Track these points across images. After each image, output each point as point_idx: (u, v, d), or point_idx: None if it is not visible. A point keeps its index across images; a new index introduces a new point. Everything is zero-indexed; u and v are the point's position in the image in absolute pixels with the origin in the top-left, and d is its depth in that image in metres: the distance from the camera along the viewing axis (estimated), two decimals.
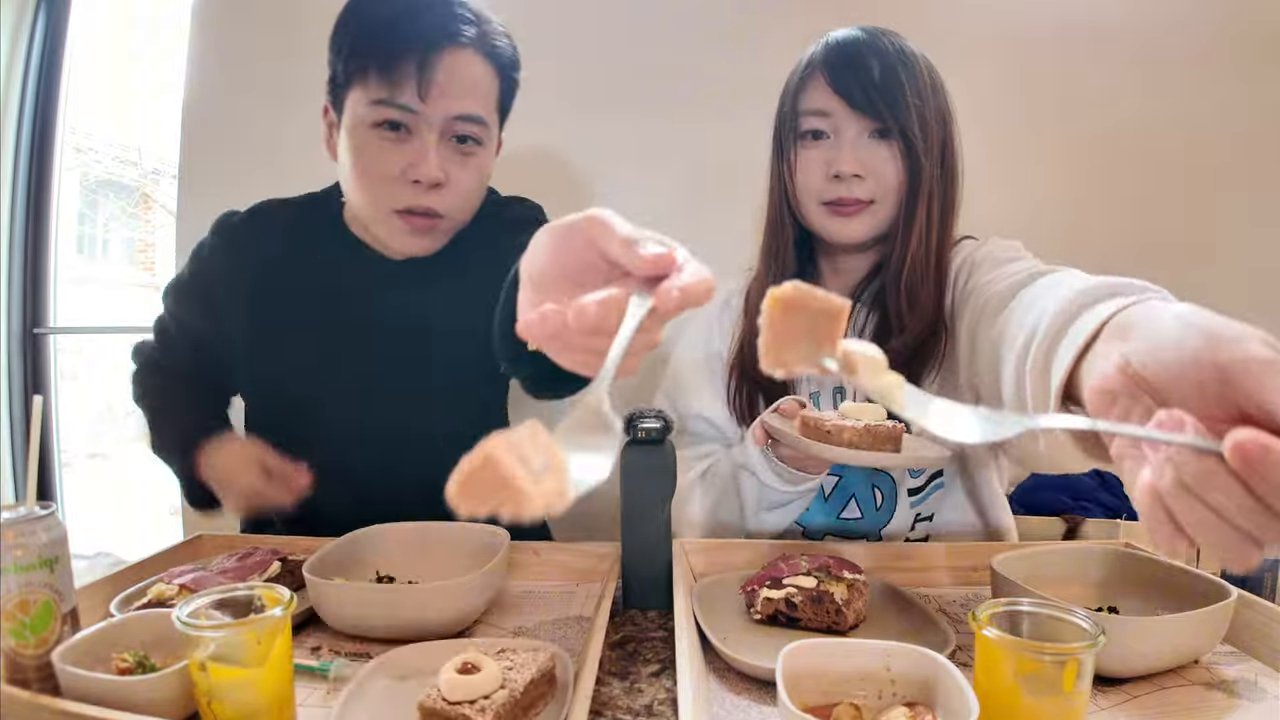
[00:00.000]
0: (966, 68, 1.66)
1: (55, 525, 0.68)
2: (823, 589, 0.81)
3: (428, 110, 1.03)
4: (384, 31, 1.02)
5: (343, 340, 1.15)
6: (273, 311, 1.17)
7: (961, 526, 1.18)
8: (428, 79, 1.01)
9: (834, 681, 0.63)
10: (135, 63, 2.53)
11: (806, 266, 1.20)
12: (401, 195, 1.06)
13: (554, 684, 0.69)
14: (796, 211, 1.15)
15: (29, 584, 0.66)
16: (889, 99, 1.04)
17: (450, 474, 0.38)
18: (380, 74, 1.01)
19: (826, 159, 1.08)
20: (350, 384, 1.15)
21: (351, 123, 1.05)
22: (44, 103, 2.14)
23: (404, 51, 1.00)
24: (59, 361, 2.22)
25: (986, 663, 0.60)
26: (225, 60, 1.87)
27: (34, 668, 0.66)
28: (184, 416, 1.19)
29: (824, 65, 1.08)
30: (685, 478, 1.18)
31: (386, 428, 1.13)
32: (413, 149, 1.04)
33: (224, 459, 1.08)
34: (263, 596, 0.65)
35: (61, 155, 2.19)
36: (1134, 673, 0.71)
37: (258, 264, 1.18)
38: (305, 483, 1.05)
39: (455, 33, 1.03)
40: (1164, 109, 1.69)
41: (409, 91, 1.01)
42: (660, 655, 0.79)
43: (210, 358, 1.22)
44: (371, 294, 1.15)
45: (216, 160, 1.84)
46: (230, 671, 0.60)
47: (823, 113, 1.08)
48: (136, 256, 3.49)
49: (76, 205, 2.54)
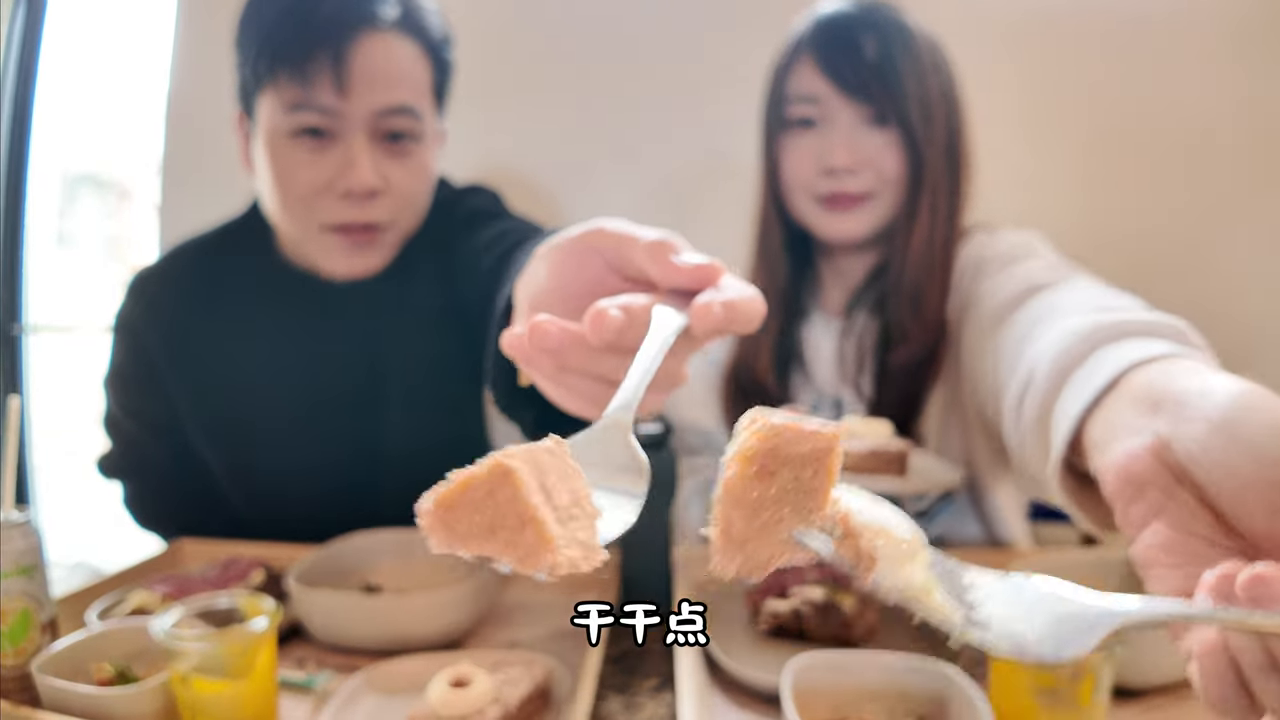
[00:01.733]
0: (971, 58, 1.67)
1: (31, 532, 0.67)
2: (831, 600, 0.79)
3: (349, 107, 0.91)
4: (291, 23, 0.90)
5: (297, 377, 1.06)
6: (214, 365, 1.06)
7: (967, 545, 1.14)
8: (345, 70, 0.89)
9: (843, 697, 0.62)
10: (114, 57, 2.50)
11: (804, 270, 1.13)
12: (332, 210, 0.95)
13: (549, 699, 0.68)
14: (787, 208, 1.06)
15: (6, 592, 0.65)
16: (885, 81, 0.95)
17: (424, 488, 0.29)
18: (291, 72, 0.89)
19: (818, 149, 0.99)
20: (310, 418, 1.07)
21: (266, 132, 0.93)
22: (21, 96, 2.10)
23: (315, 43, 0.89)
24: (35, 360, 2.18)
25: (1001, 676, 0.59)
26: (209, 53, 1.83)
27: (12, 679, 0.65)
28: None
29: (812, 45, 0.99)
30: (684, 488, 1.16)
31: (356, 456, 1.07)
32: (338, 155, 0.93)
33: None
34: (246, 607, 0.64)
35: (38, 150, 2.15)
36: (1152, 685, 0.69)
37: (185, 321, 1.06)
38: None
39: (372, 15, 0.91)
40: (1174, 103, 1.69)
41: (325, 88, 0.89)
42: (661, 669, 0.77)
43: (180, 441, 1.10)
44: (318, 325, 1.06)
45: (200, 154, 1.81)
46: (213, 685, 0.59)
47: (812, 98, 0.99)
48: (116, 252, 3.45)
49: (55, 200, 2.50)
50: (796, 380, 1.13)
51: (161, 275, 1.10)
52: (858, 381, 1.08)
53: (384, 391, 1.08)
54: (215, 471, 1.11)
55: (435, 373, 1.09)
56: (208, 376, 1.07)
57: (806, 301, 1.13)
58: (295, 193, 0.94)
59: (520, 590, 0.97)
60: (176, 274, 1.09)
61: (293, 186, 0.94)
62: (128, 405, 1.11)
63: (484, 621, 0.87)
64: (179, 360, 1.07)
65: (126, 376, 1.10)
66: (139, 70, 2.20)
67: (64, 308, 2.49)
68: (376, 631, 0.77)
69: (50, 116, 2.18)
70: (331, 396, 1.07)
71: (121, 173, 2.83)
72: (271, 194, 0.97)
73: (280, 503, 1.05)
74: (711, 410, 1.17)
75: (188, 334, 1.06)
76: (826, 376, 1.11)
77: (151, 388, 1.08)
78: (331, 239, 0.97)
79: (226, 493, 1.12)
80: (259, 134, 0.95)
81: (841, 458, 0.32)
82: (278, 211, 0.98)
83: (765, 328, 1.05)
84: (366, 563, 0.91)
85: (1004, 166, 1.29)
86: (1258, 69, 1.66)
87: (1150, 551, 0.36)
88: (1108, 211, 1.70)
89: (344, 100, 0.90)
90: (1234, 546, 0.36)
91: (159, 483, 1.14)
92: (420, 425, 1.08)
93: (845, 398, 1.10)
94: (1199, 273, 1.68)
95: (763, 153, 1.07)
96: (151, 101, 1.85)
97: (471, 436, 1.17)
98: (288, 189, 0.95)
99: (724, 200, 1.27)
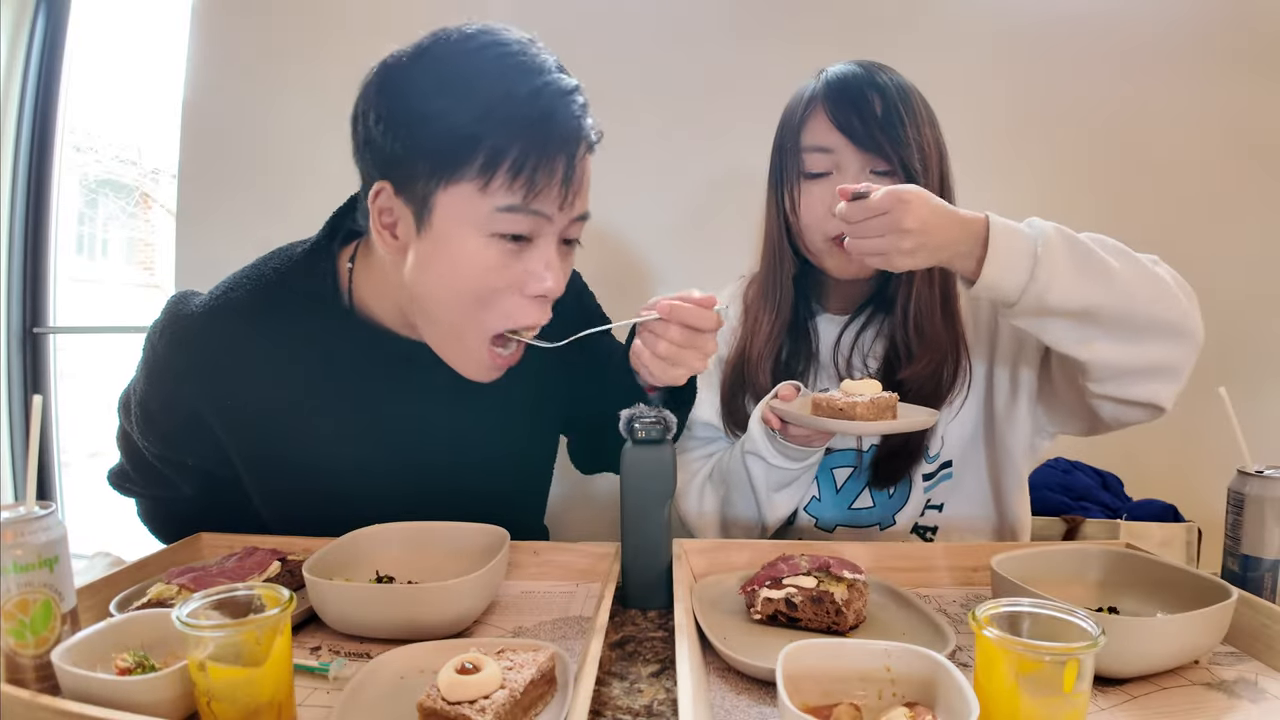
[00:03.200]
0: (959, 64, 1.68)
1: (55, 525, 0.68)
2: (823, 589, 0.81)
3: (561, 218, 0.89)
4: (520, 118, 0.84)
5: (367, 439, 1.04)
6: (274, 428, 1.02)
7: (973, 519, 1.19)
8: (575, 186, 0.87)
9: (834, 682, 0.63)
10: (135, 62, 2.53)
11: (810, 291, 1.23)
12: (510, 312, 0.91)
13: (553, 684, 0.69)
14: (800, 246, 1.16)
15: (29, 584, 0.66)
16: (892, 136, 1.05)
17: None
18: (518, 174, 0.84)
19: (831, 195, 1.06)
20: (381, 470, 1.04)
21: (457, 225, 0.86)
22: (44, 102, 2.14)
23: (554, 149, 0.85)
24: (58, 361, 2.22)
25: (987, 663, 0.60)
26: (225, 59, 1.87)
27: (33, 668, 0.66)
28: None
29: (825, 100, 1.09)
30: (695, 479, 1.22)
31: (428, 503, 1.00)
32: (531, 259, 0.89)
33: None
34: (262, 596, 0.65)
35: (61, 155, 2.19)
36: (1134, 673, 0.71)
37: (240, 381, 1.00)
38: None
39: (587, 130, 0.89)
40: (1156, 108, 1.70)
41: (553, 200, 0.86)
42: (660, 655, 0.79)
43: (220, 480, 1.07)
44: (391, 377, 1.03)
45: (217, 160, 1.84)
46: (230, 672, 0.60)
47: (826, 149, 1.09)
48: (136, 256, 3.49)
49: (76, 205, 2.54)
50: (804, 371, 1.21)
51: (211, 330, 1.00)
52: (864, 366, 1.17)
53: (465, 442, 1.08)
54: (266, 517, 1.09)
55: (518, 407, 1.11)
56: (266, 440, 1.03)
57: (813, 307, 1.23)
58: (480, 293, 0.89)
59: (526, 579, 0.99)
60: (230, 330, 1.00)
61: (480, 286, 0.89)
62: (157, 449, 1.08)
63: (491, 610, 0.89)
64: (236, 422, 1.02)
65: (160, 424, 1.05)
66: (159, 75, 2.23)
67: (86, 310, 2.53)
68: (388, 620, 0.79)
69: (72, 122, 2.22)
70: (400, 458, 1.05)
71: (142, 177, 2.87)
72: (445, 287, 0.90)
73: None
74: (719, 405, 1.25)
75: (248, 395, 1.00)
76: (831, 364, 1.20)
77: (193, 441, 1.04)
78: (484, 351, 0.94)
79: (272, 528, 1.08)
80: (440, 223, 0.87)
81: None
82: (448, 304, 0.91)
83: (771, 328, 1.17)
84: (378, 554, 0.94)
85: (985, 176, 1.33)
86: (1231, 78, 1.67)
87: None
88: (1083, 219, 1.71)
89: (561, 212, 0.89)
90: None
91: (183, 509, 1.13)
92: (493, 483, 1.08)
93: (844, 373, 1.19)
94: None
95: (772, 193, 1.16)
96: (171, 107, 1.88)
97: (537, 490, 1.23)
98: (473, 288, 0.89)
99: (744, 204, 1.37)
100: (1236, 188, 1.70)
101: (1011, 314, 0.92)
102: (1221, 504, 0.89)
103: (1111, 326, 0.91)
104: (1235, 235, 1.70)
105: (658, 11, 1.79)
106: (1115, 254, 0.92)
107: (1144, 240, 1.69)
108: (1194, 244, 1.69)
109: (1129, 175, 1.71)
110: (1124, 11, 1.68)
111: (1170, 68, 1.69)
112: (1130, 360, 0.93)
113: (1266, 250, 1.70)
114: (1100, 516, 1.56)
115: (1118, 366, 0.93)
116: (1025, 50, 1.70)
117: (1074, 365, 0.96)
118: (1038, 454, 1.20)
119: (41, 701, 0.62)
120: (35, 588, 0.67)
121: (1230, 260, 1.69)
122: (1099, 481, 1.64)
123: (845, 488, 1.20)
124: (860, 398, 0.96)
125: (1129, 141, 1.70)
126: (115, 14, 2.40)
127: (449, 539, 0.95)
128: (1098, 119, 1.70)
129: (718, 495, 1.21)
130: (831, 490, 1.21)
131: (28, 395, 2.13)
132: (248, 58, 1.85)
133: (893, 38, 1.67)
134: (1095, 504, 1.59)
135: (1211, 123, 1.68)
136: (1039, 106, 1.71)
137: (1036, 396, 1.13)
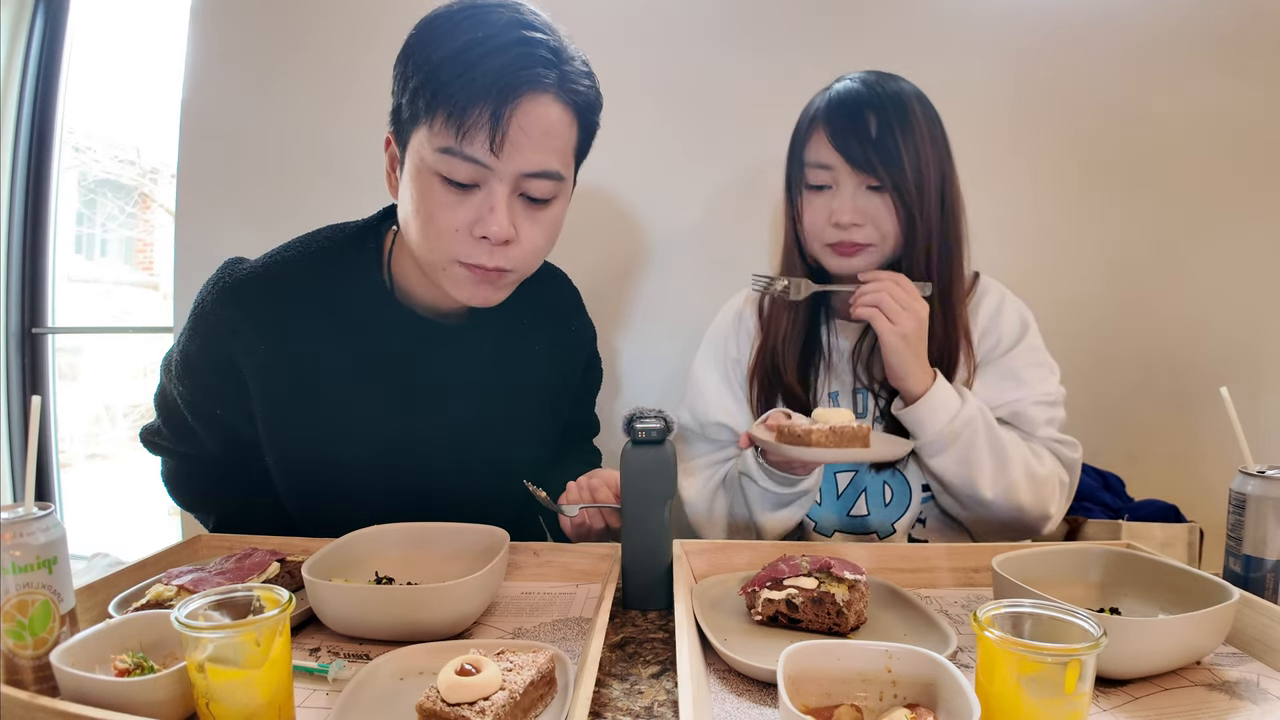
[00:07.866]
0: (959, 64, 1.68)
1: (54, 526, 0.68)
2: (824, 590, 0.81)
3: (499, 165, 0.93)
4: (456, 70, 0.90)
5: (395, 407, 1.11)
6: (308, 387, 1.08)
7: (948, 525, 1.24)
8: (502, 132, 0.91)
9: (835, 683, 0.63)
10: (134, 62, 2.52)
11: (824, 296, 1.28)
12: (466, 249, 0.97)
13: (553, 686, 0.69)
14: (805, 249, 1.24)
15: (27, 585, 0.66)
16: (885, 158, 1.11)
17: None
18: (449, 119, 0.91)
19: (829, 208, 1.16)
20: (396, 448, 1.11)
21: (415, 166, 0.96)
22: (42, 102, 2.13)
23: (478, 97, 0.90)
24: (57, 361, 2.22)
25: (988, 664, 0.60)
26: (224, 59, 1.86)
27: (32, 669, 0.66)
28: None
29: (826, 121, 1.15)
30: (708, 485, 1.26)
31: (435, 487, 1.09)
32: (480, 202, 0.95)
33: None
34: (261, 598, 0.65)
35: (60, 154, 2.19)
36: (1136, 674, 0.71)
37: (284, 337, 1.07)
38: None
39: (535, 78, 0.92)
40: (1157, 108, 1.69)
41: (480, 144, 0.91)
42: (661, 656, 0.79)
43: (243, 439, 1.12)
44: (419, 357, 1.11)
45: (215, 160, 1.83)
46: (229, 673, 0.60)
47: (825, 166, 1.16)
48: (135, 256, 3.49)
49: (75, 205, 2.53)
50: (820, 376, 1.26)
51: (264, 287, 1.07)
52: (874, 374, 1.22)
53: (477, 426, 1.16)
54: (279, 487, 1.14)
55: (531, 403, 1.22)
56: (300, 398, 1.08)
57: (829, 310, 1.29)
58: (434, 228, 0.97)
59: (525, 580, 0.99)
60: (281, 289, 1.07)
61: (433, 222, 0.96)
62: (189, 395, 1.12)
63: (491, 611, 0.89)
64: (271, 377, 1.07)
65: (197, 370, 1.10)
66: (158, 75, 2.23)
67: (85, 310, 2.53)
68: (387, 621, 0.79)
69: (70, 122, 2.21)
70: (426, 426, 1.12)
71: (140, 177, 2.87)
72: (413, 222, 0.98)
73: (347, 515, 1.00)
74: (737, 404, 1.29)
75: (286, 353, 1.06)
76: (847, 371, 1.25)
77: (226, 389, 1.09)
78: (462, 271, 1.00)
79: (284, 500, 1.14)
80: (408, 163, 0.97)
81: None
82: (418, 239, 0.99)
83: (790, 331, 1.24)
84: (377, 555, 0.93)
85: (983, 175, 1.35)
86: (1232, 79, 1.67)
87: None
88: (1084, 219, 1.72)
89: (495, 159, 0.92)
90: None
91: (204, 470, 1.19)
92: (496, 483, 1.15)
93: (866, 387, 1.23)
94: (1174, 279, 1.72)
95: (787, 200, 1.24)
96: (170, 107, 1.88)
97: (543, 459, 1.27)
98: (427, 223, 0.97)
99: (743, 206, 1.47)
100: (1238, 188, 1.69)
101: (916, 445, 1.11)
102: (1223, 505, 0.89)
103: (973, 506, 1.14)
104: (1237, 236, 1.69)
105: (658, 11, 1.78)
106: (1020, 465, 1.12)
107: (1144, 240, 1.73)
108: (1195, 244, 1.70)
109: (1130, 176, 1.70)
110: (1125, 12, 1.68)
111: (1172, 68, 1.68)
112: (987, 519, 1.15)
113: (1268, 251, 1.69)
114: (1102, 517, 1.55)
115: (975, 517, 1.16)
116: (1026, 50, 1.69)
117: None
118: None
119: (40, 702, 0.61)
120: (34, 588, 0.66)
121: (1231, 260, 1.69)
122: (1100, 482, 1.64)
123: (845, 493, 1.24)
124: (822, 426, 0.95)
125: (1129, 142, 1.70)
126: (114, 14, 2.39)
127: (448, 540, 0.95)
128: (1098, 119, 1.70)
129: (728, 502, 1.24)
130: (832, 495, 1.24)
131: (26, 396, 2.12)
132: (247, 58, 1.84)
133: (893, 38, 1.67)
134: (1097, 504, 1.59)
135: (1213, 123, 1.68)
136: (1039, 106, 1.70)
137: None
